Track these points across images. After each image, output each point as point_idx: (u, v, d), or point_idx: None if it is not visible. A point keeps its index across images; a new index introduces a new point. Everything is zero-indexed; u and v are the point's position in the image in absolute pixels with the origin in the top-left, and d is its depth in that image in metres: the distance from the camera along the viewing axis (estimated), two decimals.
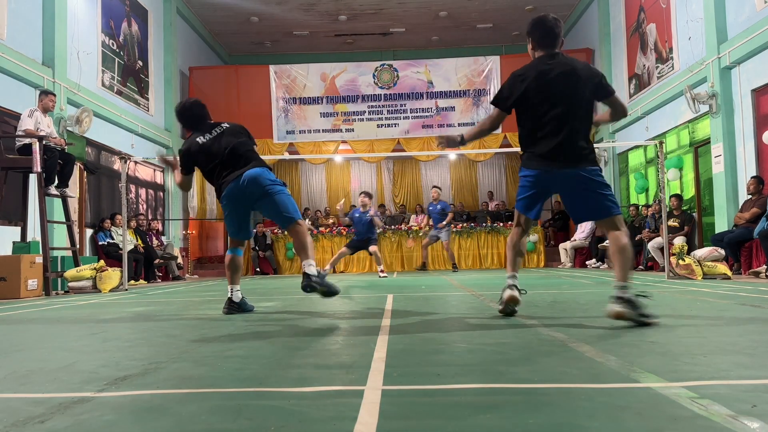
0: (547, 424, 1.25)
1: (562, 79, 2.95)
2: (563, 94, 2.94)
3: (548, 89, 2.95)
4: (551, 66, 2.99)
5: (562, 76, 2.95)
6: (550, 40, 3.08)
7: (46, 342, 2.73)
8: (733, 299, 3.98)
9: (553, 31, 3.08)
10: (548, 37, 3.08)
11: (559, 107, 2.93)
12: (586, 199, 2.94)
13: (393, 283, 7.37)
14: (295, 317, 3.53)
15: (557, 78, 2.95)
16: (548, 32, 3.08)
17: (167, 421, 1.34)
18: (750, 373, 1.69)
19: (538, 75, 2.98)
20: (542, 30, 3.10)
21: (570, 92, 2.94)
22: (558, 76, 2.96)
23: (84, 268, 6.92)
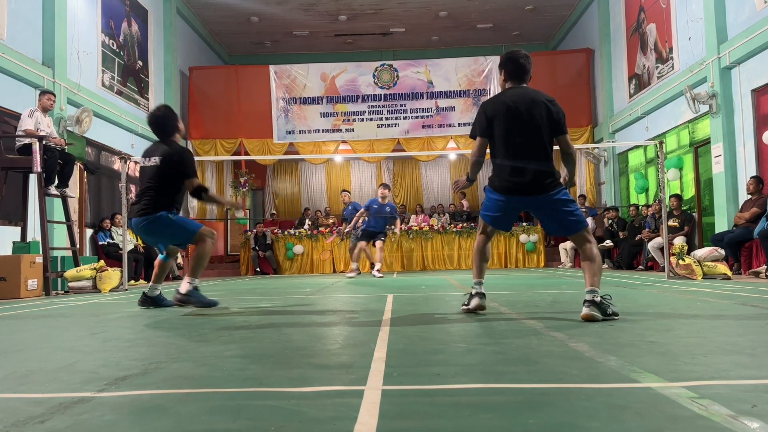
0: (547, 424, 1.25)
1: (527, 110, 3.17)
2: (528, 125, 3.17)
3: (514, 120, 3.18)
4: (518, 98, 3.22)
5: (527, 108, 3.18)
6: (518, 76, 3.32)
7: (46, 342, 2.73)
8: (733, 299, 3.98)
9: (524, 66, 3.32)
10: (517, 73, 3.32)
11: (524, 137, 3.17)
12: (554, 219, 3.23)
13: (393, 283, 7.37)
14: (295, 317, 3.53)
15: (523, 109, 3.18)
16: (519, 67, 3.32)
17: (167, 421, 1.34)
18: (750, 373, 1.69)
19: (505, 105, 3.22)
20: (513, 64, 3.33)
21: (534, 123, 3.16)
22: (524, 107, 3.18)
23: (84, 268, 6.91)
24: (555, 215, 3.20)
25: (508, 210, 3.30)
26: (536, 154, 3.15)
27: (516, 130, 3.17)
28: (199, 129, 13.65)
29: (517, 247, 12.40)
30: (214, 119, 13.69)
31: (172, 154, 4.10)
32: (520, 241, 12.35)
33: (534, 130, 3.15)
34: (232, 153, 13.46)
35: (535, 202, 3.20)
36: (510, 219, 3.38)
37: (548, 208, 3.19)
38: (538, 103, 3.19)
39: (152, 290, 4.33)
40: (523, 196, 3.19)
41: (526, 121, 3.16)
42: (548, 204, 3.17)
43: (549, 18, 14.63)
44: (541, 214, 3.29)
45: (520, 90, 3.27)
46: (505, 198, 3.24)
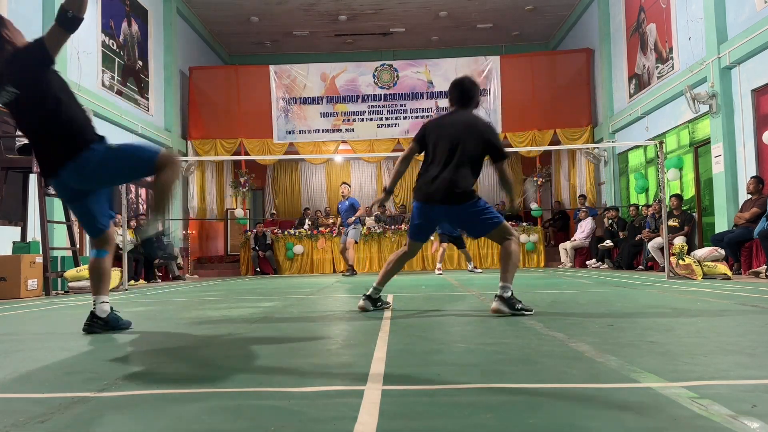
0: (547, 424, 1.25)
1: (460, 128, 3.43)
2: (455, 142, 3.40)
3: (445, 135, 3.44)
4: (455, 119, 3.51)
5: (461, 126, 3.44)
6: (461, 101, 3.59)
7: (46, 342, 2.73)
8: (733, 299, 3.98)
9: (468, 92, 3.59)
10: (461, 98, 3.59)
11: (448, 151, 3.40)
12: (470, 224, 3.47)
13: (393, 282, 7.37)
14: (295, 317, 3.53)
15: (456, 127, 3.45)
16: (464, 92, 3.59)
17: (167, 421, 1.34)
18: (750, 373, 1.69)
19: (441, 124, 3.53)
20: (458, 90, 3.60)
21: (463, 141, 3.39)
22: (457, 125, 3.45)
23: (84, 268, 6.91)
24: (470, 221, 3.43)
25: (426, 217, 3.51)
26: (456, 170, 3.35)
27: (443, 146, 3.41)
28: (199, 129, 13.64)
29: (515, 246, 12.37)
30: (214, 119, 13.68)
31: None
32: (520, 241, 12.35)
33: (458, 149, 3.37)
34: (232, 153, 13.46)
35: (448, 211, 3.41)
36: (427, 228, 3.62)
37: (462, 217, 3.43)
38: (473, 126, 3.44)
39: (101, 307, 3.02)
40: (437, 205, 3.40)
41: (455, 140, 3.39)
42: (461, 214, 3.40)
43: (549, 18, 14.63)
44: (458, 222, 3.55)
45: (461, 113, 3.55)
46: (421, 205, 3.48)
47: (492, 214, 3.43)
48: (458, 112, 3.58)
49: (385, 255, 12.48)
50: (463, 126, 3.46)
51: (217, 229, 15.12)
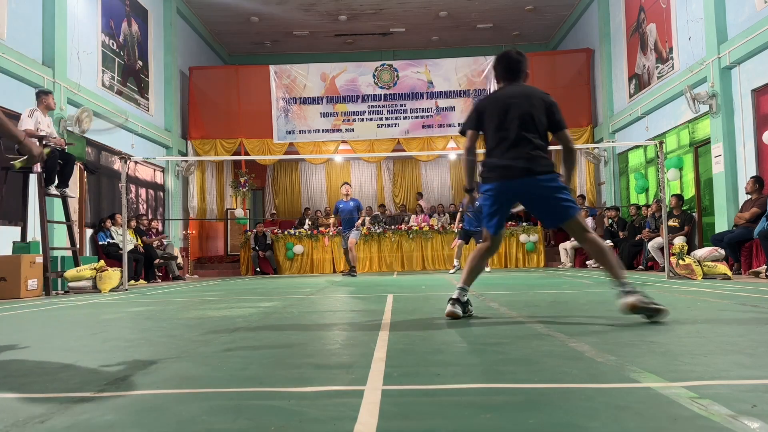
0: (547, 424, 1.25)
1: (522, 99, 3.13)
2: (522, 112, 3.10)
3: (505, 110, 3.13)
4: (508, 92, 3.21)
5: (522, 97, 3.14)
6: (510, 74, 3.30)
7: (46, 342, 2.73)
8: (733, 299, 3.98)
9: (515, 64, 3.29)
10: (509, 71, 3.30)
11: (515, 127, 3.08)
12: (547, 205, 3.09)
13: (393, 283, 7.37)
14: (295, 317, 3.53)
15: (513, 101, 3.14)
16: (510, 64, 3.30)
17: (167, 421, 1.34)
18: (750, 373, 1.69)
19: (496, 99, 3.22)
20: (504, 63, 3.32)
21: (526, 114, 3.10)
22: (514, 99, 3.15)
23: (84, 268, 6.91)
24: (550, 199, 3.05)
25: (502, 200, 3.15)
26: (527, 142, 3.05)
27: (507, 121, 3.11)
28: (199, 129, 13.64)
29: (517, 247, 12.40)
30: (214, 119, 13.69)
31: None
32: (520, 241, 12.36)
33: (526, 120, 3.08)
34: (232, 153, 13.46)
35: (525, 187, 3.06)
36: (504, 213, 3.20)
37: (543, 194, 3.05)
38: (532, 97, 3.14)
39: None
40: (512, 180, 3.06)
41: (518, 112, 3.09)
42: (542, 190, 3.04)
43: (549, 18, 14.63)
44: (533, 202, 3.13)
45: (513, 86, 3.25)
46: (496, 186, 3.13)
47: (572, 198, 3.09)
48: (510, 86, 3.26)
49: (385, 255, 12.49)
50: (523, 96, 3.15)
51: (217, 229, 15.12)
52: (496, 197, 3.14)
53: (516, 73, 3.28)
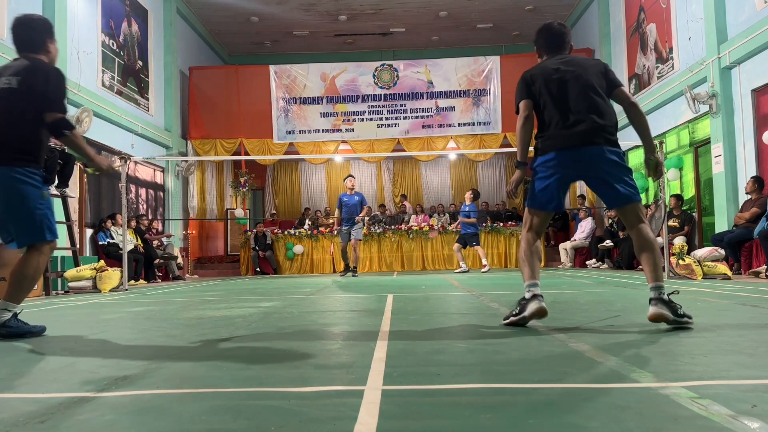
0: (547, 424, 1.25)
1: (575, 71, 2.88)
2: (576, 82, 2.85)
3: (563, 81, 2.87)
4: (559, 61, 2.96)
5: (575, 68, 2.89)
6: (555, 45, 3.06)
7: (46, 342, 2.73)
8: (733, 299, 3.98)
9: (559, 34, 3.08)
10: (553, 43, 3.07)
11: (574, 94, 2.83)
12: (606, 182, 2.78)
13: (393, 283, 7.37)
14: (295, 317, 3.53)
15: (570, 70, 2.89)
16: (553, 36, 3.08)
17: (167, 421, 1.34)
18: (750, 373, 1.69)
19: (547, 70, 2.94)
20: (546, 35, 3.09)
21: (583, 79, 2.85)
22: (570, 68, 2.90)
23: (84, 268, 6.91)
24: (607, 178, 2.75)
25: (561, 173, 2.83)
26: (590, 108, 2.79)
27: (563, 89, 2.86)
28: (199, 129, 13.64)
29: (517, 247, 12.39)
30: (214, 119, 13.68)
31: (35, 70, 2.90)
32: None
33: (588, 89, 2.83)
34: (232, 153, 13.46)
35: (589, 156, 2.75)
36: (561, 188, 2.88)
37: (601, 167, 2.75)
38: (586, 64, 2.93)
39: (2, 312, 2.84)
40: (576, 149, 2.76)
41: (578, 82, 2.85)
42: (602, 161, 2.74)
43: (549, 18, 14.47)
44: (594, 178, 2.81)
45: (561, 56, 3.01)
46: (555, 156, 2.82)
47: (634, 183, 2.80)
48: (556, 57, 3.01)
49: (385, 255, 12.49)
50: (578, 65, 2.90)
51: (217, 229, 15.12)
52: (554, 167, 2.83)
53: (560, 44, 3.06)
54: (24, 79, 2.84)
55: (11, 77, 2.85)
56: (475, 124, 13.28)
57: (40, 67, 2.90)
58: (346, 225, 9.63)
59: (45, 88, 2.85)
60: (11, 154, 2.83)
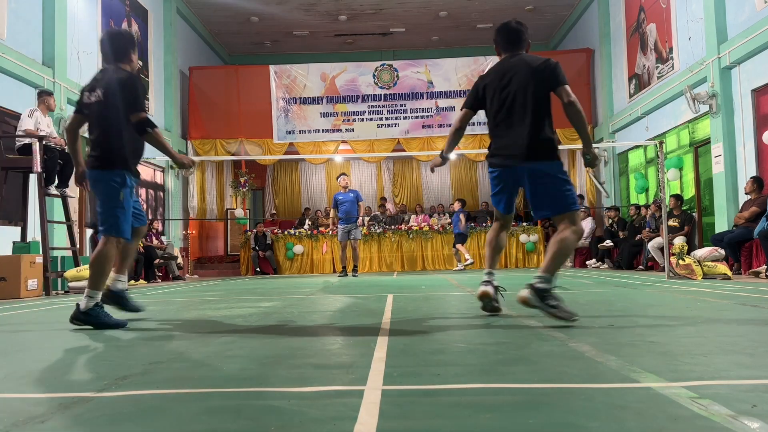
0: (547, 424, 1.25)
1: (518, 76, 3.03)
2: (517, 91, 3.01)
3: (504, 87, 3.06)
4: (508, 65, 3.13)
5: (518, 73, 3.04)
6: (512, 44, 3.23)
7: (46, 342, 2.73)
8: (733, 299, 3.98)
9: (514, 32, 3.24)
10: (510, 41, 3.24)
11: (514, 104, 3.01)
12: (543, 193, 2.97)
13: (393, 283, 7.37)
14: (295, 317, 3.53)
15: (513, 75, 3.05)
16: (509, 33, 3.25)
17: (167, 421, 1.34)
18: (750, 373, 1.69)
19: (495, 75, 3.15)
20: (503, 34, 3.27)
21: (524, 88, 2.99)
22: (514, 73, 3.05)
23: (84, 268, 6.91)
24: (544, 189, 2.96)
25: (504, 184, 3.14)
26: (526, 121, 2.95)
27: (506, 99, 3.04)
28: (199, 129, 13.64)
29: (517, 247, 12.40)
30: (214, 119, 13.68)
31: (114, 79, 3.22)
32: (520, 241, 12.36)
33: (525, 97, 2.98)
34: (232, 153, 13.46)
35: (523, 173, 2.98)
36: (509, 196, 3.18)
37: (538, 180, 2.95)
38: (529, 68, 3.03)
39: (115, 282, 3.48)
40: (512, 168, 3.01)
41: (516, 88, 3.01)
42: (538, 175, 2.94)
43: (549, 18, 14.63)
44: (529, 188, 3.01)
45: (514, 58, 3.16)
46: (499, 172, 3.12)
47: (573, 192, 2.97)
48: (510, 58, 3.16)
49: (385, 255, 12.48)
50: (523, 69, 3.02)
51: (217, 229, 15.12)
52: (499, 181, 3.16)
53: (517, 42, 3.21)
54: (108, 90, 3.17)
55: (100, 90, 3.20)
56: (475, 124, 13.24)
57: (119, 76, 3.21)
58: (343, 224, 9.56)
59: (125, 94, 3.15)
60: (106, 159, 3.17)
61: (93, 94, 3.21)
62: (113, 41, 3.35)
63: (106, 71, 3.29)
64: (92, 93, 3.22)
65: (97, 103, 3.19)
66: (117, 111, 3.14)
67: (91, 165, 3.20)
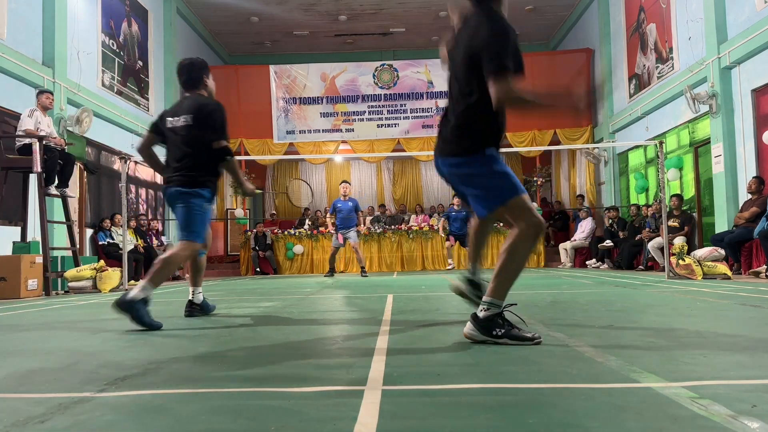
0: (547, 424, 1.25)
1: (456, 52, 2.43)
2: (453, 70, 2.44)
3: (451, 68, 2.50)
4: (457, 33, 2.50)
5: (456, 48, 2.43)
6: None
7: (46, 342, 2.73)
8: (733, 299, 3.98)
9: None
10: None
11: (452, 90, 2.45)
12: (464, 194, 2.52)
13: (393, 283, 7.37)
14: (295, 317, 3.53)
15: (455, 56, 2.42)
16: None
17: (167, 421, 1.34)
18: (750, 373, 1.69)
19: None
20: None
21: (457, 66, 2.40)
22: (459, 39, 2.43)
23: (84, 268, 6.91)
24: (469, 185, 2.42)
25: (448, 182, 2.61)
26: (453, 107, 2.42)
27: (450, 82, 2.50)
28: None
29: None
30: None
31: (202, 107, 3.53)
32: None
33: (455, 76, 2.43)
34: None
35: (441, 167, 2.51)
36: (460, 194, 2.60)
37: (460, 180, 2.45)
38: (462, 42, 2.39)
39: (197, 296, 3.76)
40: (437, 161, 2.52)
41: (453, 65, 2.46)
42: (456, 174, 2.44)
43: (549, 18, 14.63)
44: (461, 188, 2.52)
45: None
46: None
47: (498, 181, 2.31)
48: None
49: (385, 255, 12.48)
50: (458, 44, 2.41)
51: (217, 229, 15.11)
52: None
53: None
54: (197, 116, 3.46)
55: (187, 115, 3.47)
56: None
57: (207, 104, 3.53)
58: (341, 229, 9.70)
59: (213, 122, 3.47)
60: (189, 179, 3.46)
61: (178, 118, 3.50)
62: (190, 71, 3.64)
63: (189, 98, 3.59)
64: (177, 117, 3.51)
65: (185, 127, 3.46)
66: (204, 136, 3.45)
67: (180, 182, 3.45)
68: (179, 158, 3.48)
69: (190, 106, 3.52)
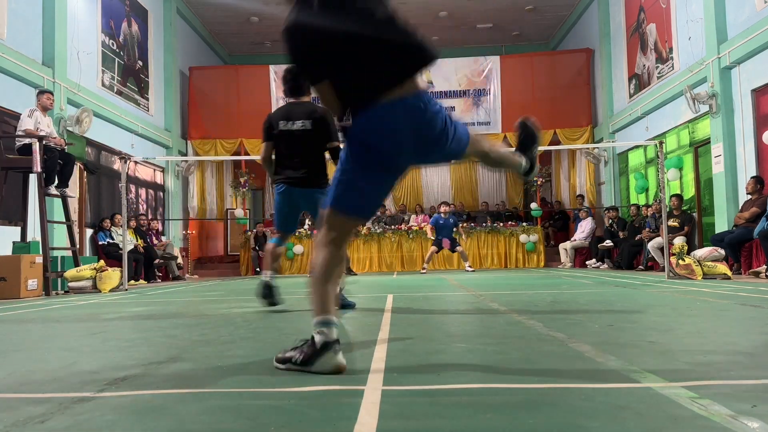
0: (547, 424, 1.25)
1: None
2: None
3: None
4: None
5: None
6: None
7: (46, 342, 2.73)
8: (733, 299, 3.98)
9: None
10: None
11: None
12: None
13: (393, 283, 7.37)
14: (295, 317, 3.53)
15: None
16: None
17: (167, 421, 1.34)
18: (750, 373, 1.69)
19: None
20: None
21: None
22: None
23: (84, 268, 6.91)
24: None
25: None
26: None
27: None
28: (199, 129, 13.64)
29: (517, 247, 12.39)
30: (214, 119, 13.67)
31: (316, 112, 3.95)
32: (520, 241, 12.34)
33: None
34: (232, 153, 13.45)
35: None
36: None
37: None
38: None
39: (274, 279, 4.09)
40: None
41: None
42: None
43: (549, 18, 14.62)
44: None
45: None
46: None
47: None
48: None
49: (385, 255, 12.48)
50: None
51: (217, 229, 15.11)
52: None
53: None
54: (314, 122, 3.86)
55: (305, 121, 3.86)
56: (475, 124, 13.28)
57: (320, 109, 3.86)
58: None
59: (327, 125, 3.85)
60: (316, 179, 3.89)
61: (293, 123, 3.86)
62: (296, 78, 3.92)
63: (300, 104, 3.95)
64: (291, 122, 3.87)
65: (302, 131, 3.85)
66: (321, 139, 3.85)
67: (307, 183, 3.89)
68: (301, 159, 3.88)
69: (306, 112, 3.88)
